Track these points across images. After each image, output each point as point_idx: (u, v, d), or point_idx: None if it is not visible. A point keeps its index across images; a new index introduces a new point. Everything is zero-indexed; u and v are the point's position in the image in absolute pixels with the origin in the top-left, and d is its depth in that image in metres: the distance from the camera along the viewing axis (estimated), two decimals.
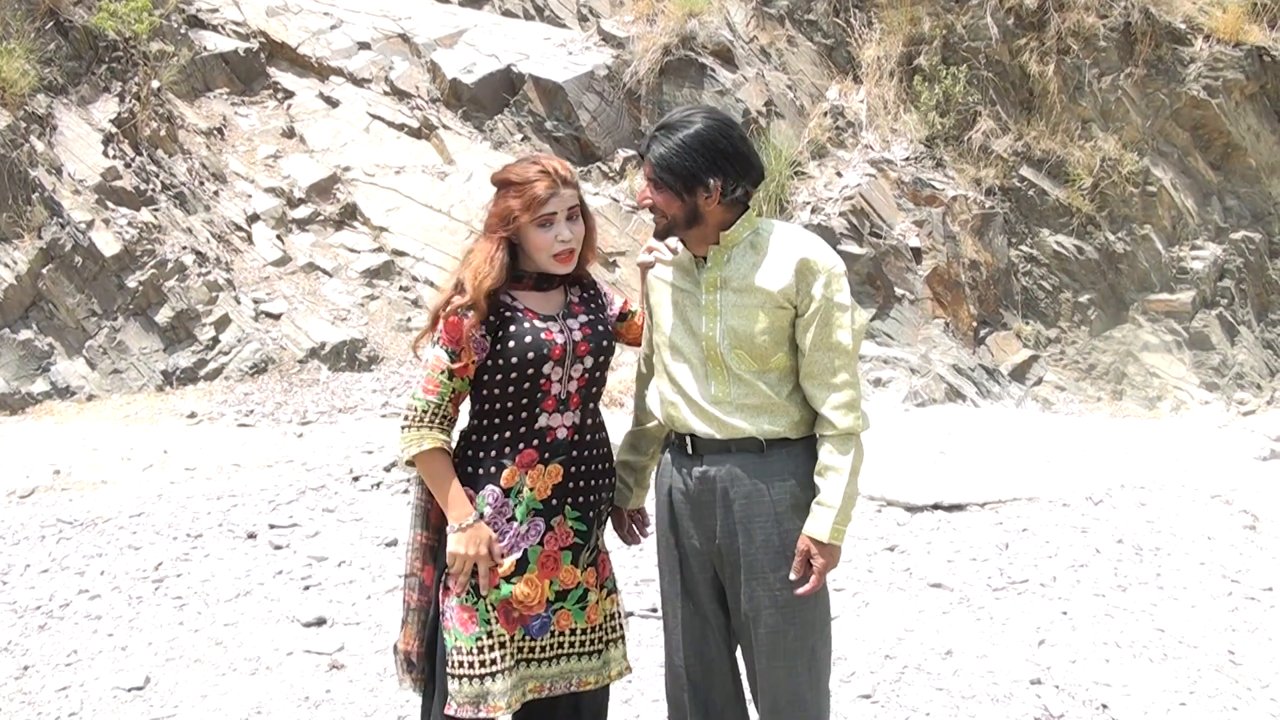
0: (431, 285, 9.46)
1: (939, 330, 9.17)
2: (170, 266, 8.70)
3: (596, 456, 2.78)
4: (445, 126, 10.46)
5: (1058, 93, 9.56)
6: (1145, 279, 9.50)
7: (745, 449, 2.59)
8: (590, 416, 2.77)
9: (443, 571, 2.69)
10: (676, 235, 2.64)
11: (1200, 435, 8.03)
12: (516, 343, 2.62)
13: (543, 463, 2.68)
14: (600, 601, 2.81)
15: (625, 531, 2.93)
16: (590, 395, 2.76)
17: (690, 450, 2.65)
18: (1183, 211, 9.55)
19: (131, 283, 8.55)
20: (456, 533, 2.61)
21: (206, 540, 5.61)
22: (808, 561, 2.55)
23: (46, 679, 4.16)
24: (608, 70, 10.24)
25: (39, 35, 9.07)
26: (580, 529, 2.75)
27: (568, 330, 2.69)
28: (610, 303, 2.89)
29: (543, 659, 2.74)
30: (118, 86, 9.44)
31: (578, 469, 2.73)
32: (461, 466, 2.69)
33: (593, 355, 2.72)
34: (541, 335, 2.64)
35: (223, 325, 8.71)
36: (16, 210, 8.36)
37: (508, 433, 2.67)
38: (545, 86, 10.21)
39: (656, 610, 2.88)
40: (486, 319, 2.63)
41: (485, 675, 2.62)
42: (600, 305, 2.84)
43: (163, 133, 9.56)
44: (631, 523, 2.93)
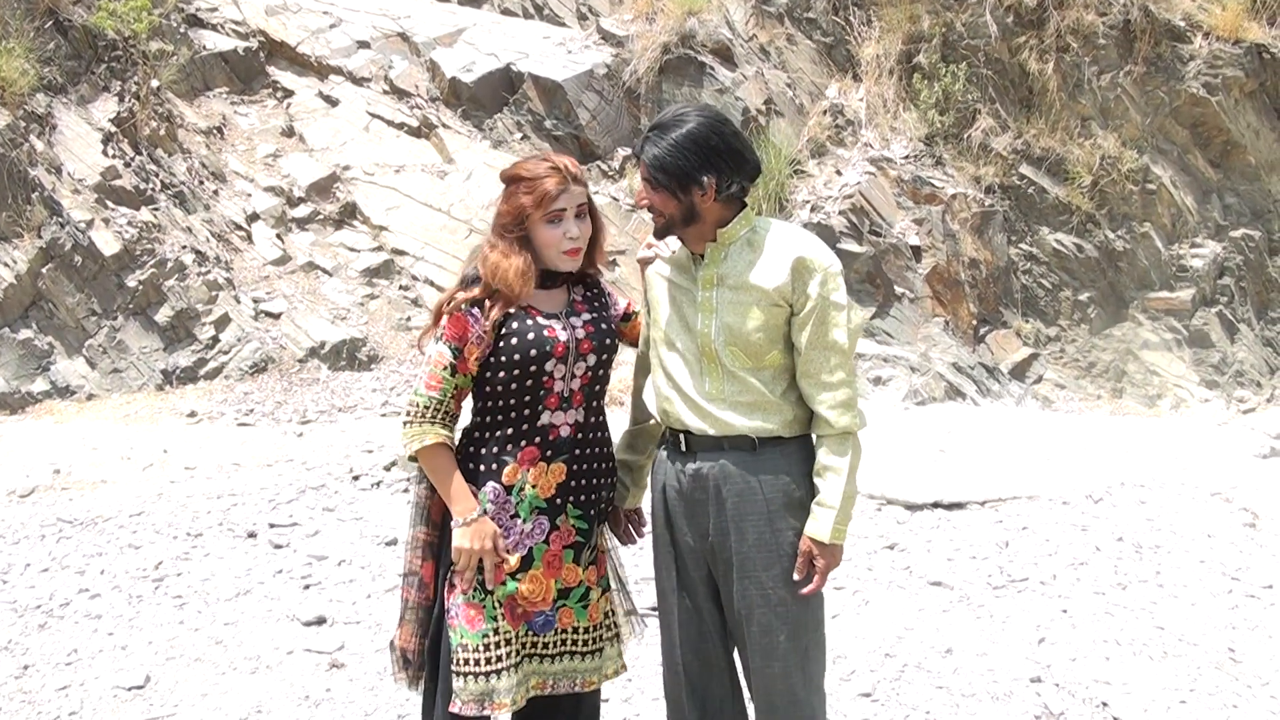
0: (431, 284, 9.46)
1: (939, 328, 9.17)
2: (170, 266, 8.70)
3: (598, 455, 2.78)
4: (445, 125, 10.46)
5: (1057, 90, 9.56)
6: (1145, 277, 9.50)
7: (738, 446, 2.59)
8: (593, 415, 2.76)
9: (447, 569, 2.68)
10: (675, 234, 2.64)
11: (1200, 433, 8.03)
12: (519, 339, 2.62)
13: (545, 460, 2.68)
14: (599, 600, 2.82)
15: (621, 530, 2.92)
16: (593, 393, 2.75)
17: (684, 447, 2.65)
18: (1182, 209, 9.55)
19: (131, 282, 8.55)
20: (461, 527, 2.60)
21: (206, 539, 5.61)
22: (810, 562, 2.55)
23: (47, 678, 4.16)
24: (607, 69, 10.24)
25: (38, 34, 9.07)
26: (581, 527, 2.75)
27: (571, 328, 2.69)
28: (614, 303, 2.89)
29: (546, 655, 2.74)
30: (117, 86, 9.44)
31: (580, 467, 2.73)
32: (463, 463, 2.69)
33: (596, 353, 2.72)
34: (544, 332, 2.64)
35: (222, 324, 8.71)
36: (16, 210, 8.37)
37: (510, 429, 2.67)
38: (545, 85, 10.21)
39: (656, 609, 2.87)
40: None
41: (491, 673, 2.62)
42: (604, 304, 2.83)
43: (162, 132, 9.56)
44: (628, 522, 2.93)
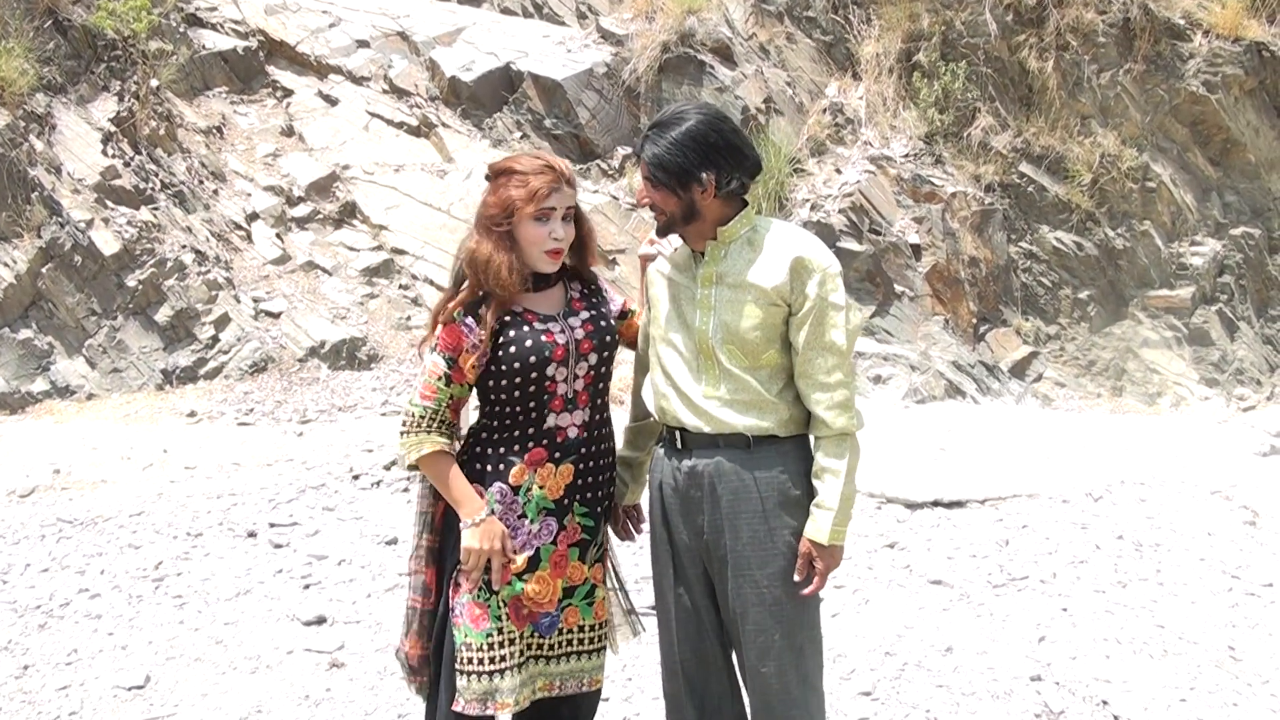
0: (431, 283, 9.46)
1: (939, 327, 9.17)
2: (170, 265, 8.70)
3: (604, 452, 2.78)
4: (444, 124, 10.45)
5: (1057, 89, 9.56)
6: (1145, 275, 9.50)
7: (733, 444, 2.58)
8: (599, 413, 2.76)
9: (453, 569, 2.68)
10: (676, 232, 2.64)
11: (1200, 431, 8.03)
12: (518, 348, 2.61)
13: (553, 462, 2.68)
14: (604, 597, 2.82)
15: (620, 527, 2.93)
16: (598, 391, 2.75)
17: (680, 444, 2.65)
18: (1182, 207, 9.55)
19: (131, 282, 8.55)
20: (470, 528, 2.60)
21: (206, 539, 5.61)
22: (810, 564, 2.56)
23: (47, 678, 4.16)
24: (607, 68, 10.23)
25: (38, 34, 9.07)
26: (588, 525, 2.76)
27: (569, 329, 2.68)
28: (611, 299, 2.89)
29: (552, 656, 2.74)
30: (117, 85, 9.43)
31: (587, 466, 2.73)
32: (470, 464, 2.68)
33: (597, 352, 2.71)
34: (542, 338, 2.63)
35: (222, 324, 8.71)
36: (16, 209, 8.36)
37: (516, 432, 2.67)
38: (544, 84, 10.21)
39: (654, 608, 2.87)
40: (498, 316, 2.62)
41: (494, 672, 2.62)
42: (601, 300, 2.83)
43: (162, 132, 9.56)
44: (627, 518, 2.93)
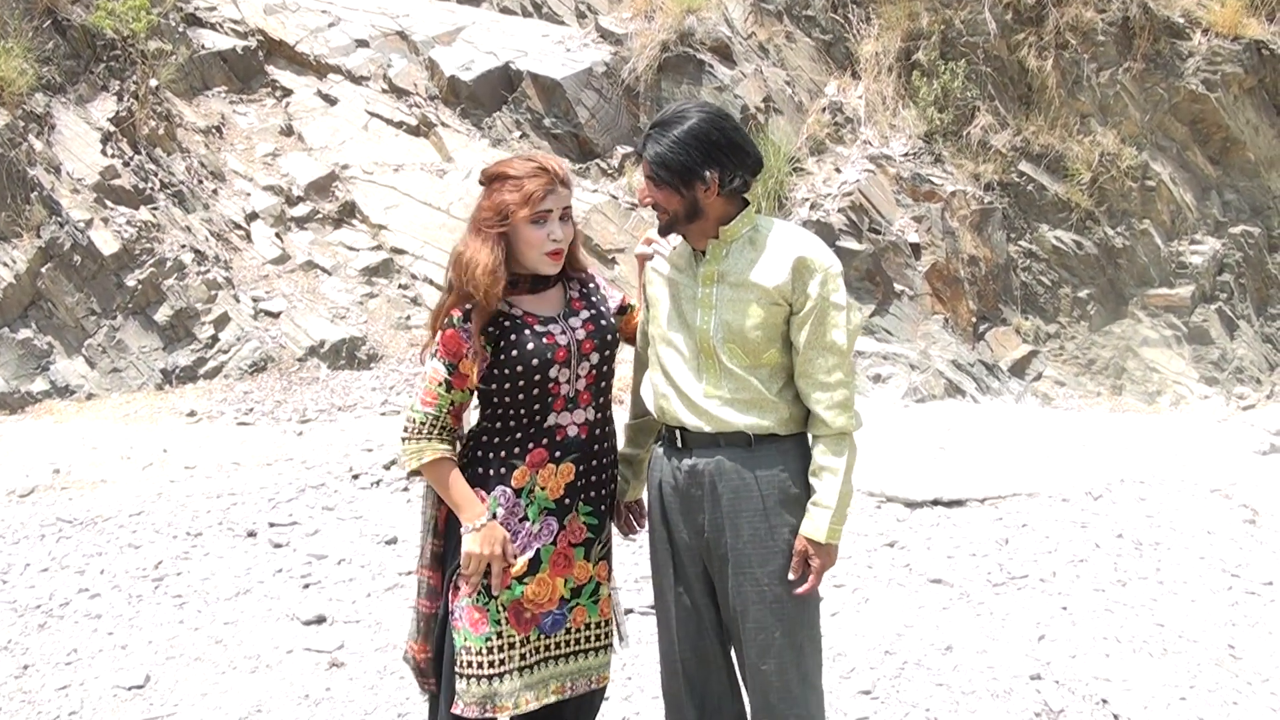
0: (431, 283, 9.46)
1: (938, 326, 9.17)
2: (169, 265, 8.70)
3: (607, 449, 2.79)
4: (444, 124, 10.45)
5: (1056, 87, 9.56)
6: (1144, 274, 9.50)
7: (734, 443, 2.59)
8: (601, 411, 2.76)
9: (453, 572, 2.68)
10: (678, 230, 2.64)
11: (1200, 430, 8.03)
12: (519, 351, 2.61)
13: (554, 462, 2.68)
14: (609, 595, 2.83)
15: (622, 522, 2.94)
16: (600, 390, 2.75)
17: (680, 443, 2.66)
18: (1182, 206, 9.55)
19: (130, 281, 8.55)
20: (471, 533, 2.60)
21: (206, 539, 5.61)
22: (805, 561, 2.56)
23: (46, 678, 4.16)
24: (606, 67, 10.23)
25: (37, 34, 9.06)
26: (592, 523, 2.76)
27: (570, 330, 2.68)
28: (609, 296, 2.90)
29: (561, 655, 2.74)
30: (116, 85, 9.43)
31: (589, 465, 2.73)
32: (472, 467, 2.68)
33: (598, 351, 2.71)
34: (543, 340, 2.63)
35: (222, 324, 8.71)
36: (15, 209, 8.36)
37: (518, 433, 2.67)
38: (543, 84, 10.20)
39: (654, 607, 2.88)
40: (485, 329, 2.61)
41: (493, 676, 2.62)
42: (600, 299, 2.84)
43: (161, 131, 9.56)
44: (629, 513, 2.94)
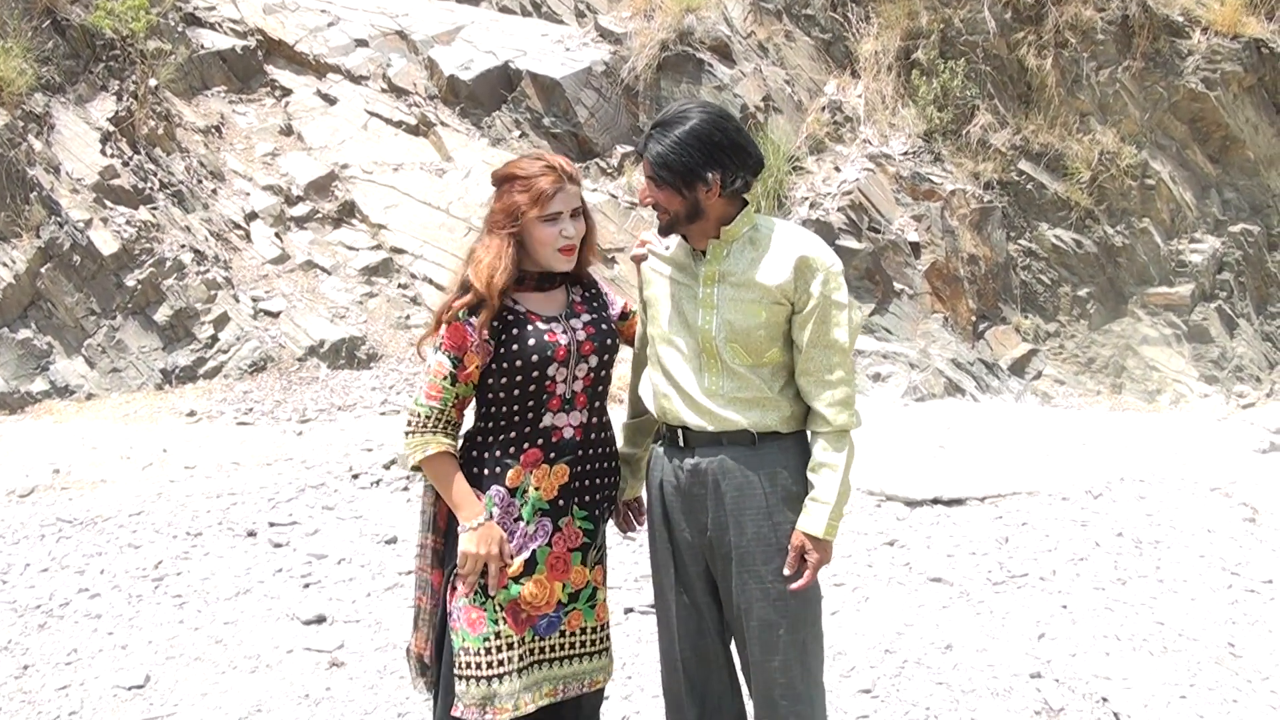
0: (430, 282, 9.45)
1: (938, 325, 9.17)
2: (169, 265, 8.69)
3: (602, 455, 2.79)
4: (443, 123, 10.45)
5: (1055, 86, 9.56)
6: (1144, 272, 9.50)
7: (737, 441, 2.60)
8: (597, 415, 2.77)
9: (450, 572, 2.68)
10: (679, 231, 2.64)
11: (1199, 428, 8.03)
12: (520, 346, 2.62)
13: (548, 462, 2.68)
14: (605, 599, 2.83)
15: (621, 520, 2.94)
16: (596, 394, 2.76)
17: (682, 443, 2.66)
18: (1181, 204, 9.55)
19: (130, 281, 8.55)
20: (468, 532, 2.60)
21: (206, 538, 5.61)
22: (801, 557, 2.57)
23: (46, 678, 4.16)
24: (605, 66, 10.23)
25: (36, 34, 9.06)
26: (588, 528, 2.76)
27: (571, 331, 2.69)
28: (611, 302, 2.90)
29: (554, 659, 2.73)
30: (115, 85, 9.43)
31: (584, 468, 2.74)
32: (467, 467, 2.69)
33: (597, 354, 2.72)
34: (545, 337, 2.64)
35: (221, 323, 8.71)
36: (15, 209, 8.36)
37: (513, 433, 2.67)
38: (543, 83, 10.20)
39: (654, 606, 2.88)
40: (490, 323, 2.62)
41: (492, 677, 2.62)
42: (602, 303, 2.84)
43: (160, 131, 9.55)
44: (628, 511, 2.95)
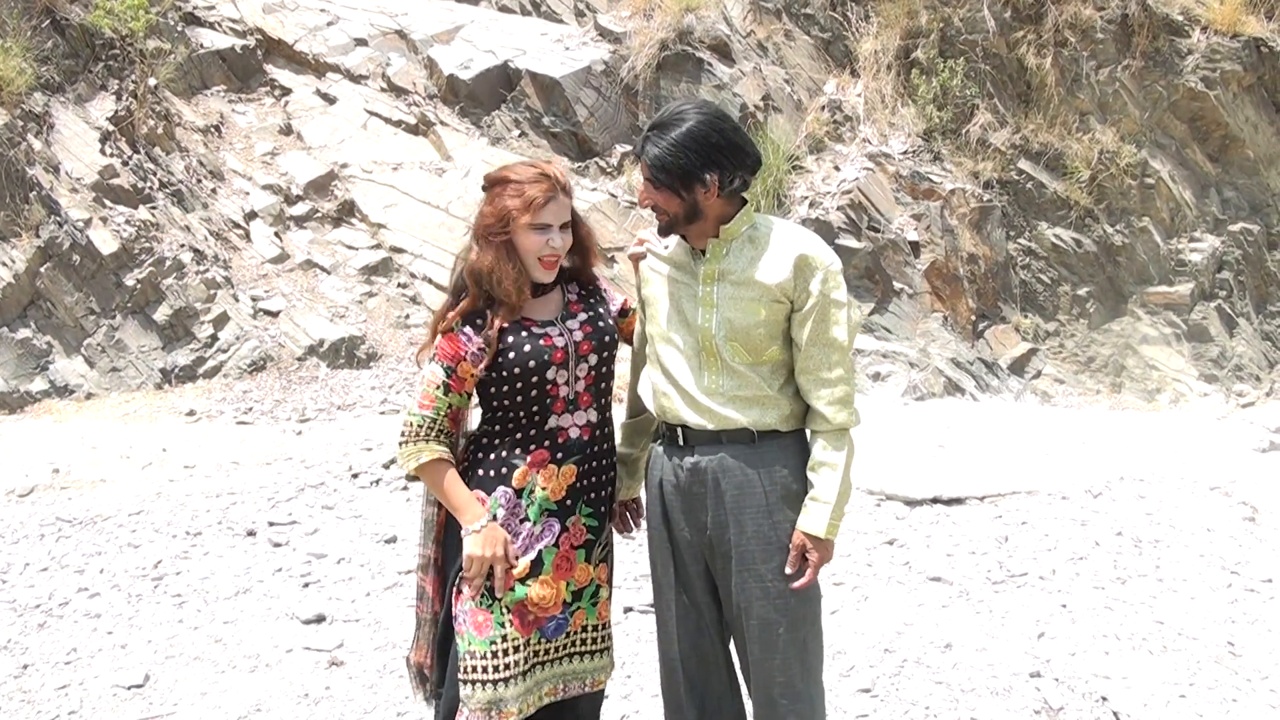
0: (430, 282, 9.45)
1: (937, 324, 9.17)
2: (168, 264, 8.69)
3: (607, 451, 2.79)
4: (442, 123, 10.44)
5: (1055, 85, 9.56)
6: (1144, 271, 9.50)
7: (737, 440, 2.60)
8: (602, 413, 2.76)
9: (454, 575, 2.67)
10: (678, 232, 2.64)
11: (1199, 427, 8.03)
12: (516, 353, 2.61)
13: (555, 463, 2.67)
14: (608, 598, 2.82)
15: (619, 521, 2.94)
16: (600, 392, 2.75)
17: (682, 441, 2.66)
18: (1181, 203, 9.55)
19: (129, 281, 8.54)
20: (472, 535, 2.59)
21: (206, 538, 5.61)
22: (803, 556, 2.57)
23: (46, 677, 4.16)
24: (605, 66, 10.23)
25: (35, 33, 9.06)
26: (593, 525, 2.76)
27: (568, 332, 2.68)
28: (611, 299, 2.89)
29: (555, 659, 2.72)
30: (115, 84, 9.42)
31: (590, 466, 2.73)
32: (473, 469, 2.68)
33: (596, 353, 2.71)
34: (540, 342, 2.63)
35: (221, 323, 8.71)
36: (14, 209, 8.35)
37: (519, 434, 2.67)
38: (542, 82, 10.20)
39: (653, 605, 2.88)
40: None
41: (498, 681, 2.60)
42: (600, 300, 2.83)
43: (160, 130, 9.55)
44: (626, 511, 2.95)
